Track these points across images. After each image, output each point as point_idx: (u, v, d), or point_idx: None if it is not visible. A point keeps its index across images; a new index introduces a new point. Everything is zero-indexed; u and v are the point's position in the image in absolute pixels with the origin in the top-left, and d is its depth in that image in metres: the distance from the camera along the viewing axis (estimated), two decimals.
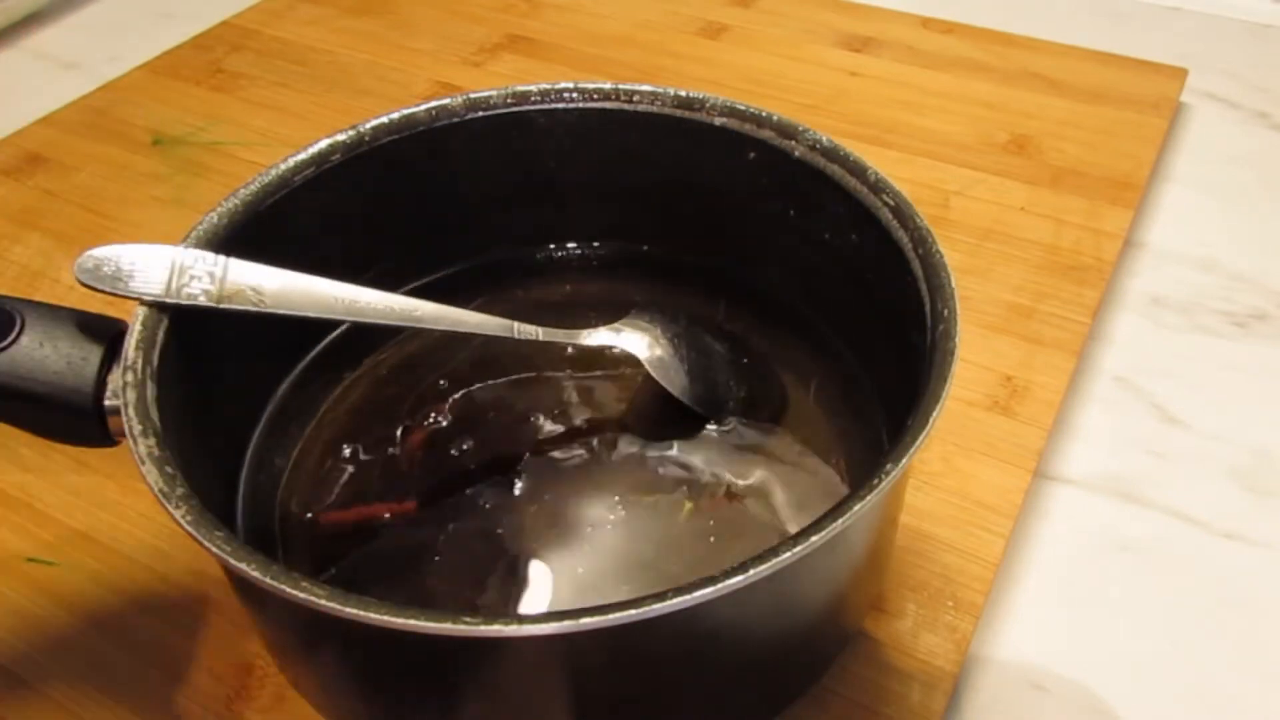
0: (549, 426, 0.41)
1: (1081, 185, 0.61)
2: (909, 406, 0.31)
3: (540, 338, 0.40)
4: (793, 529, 0.37)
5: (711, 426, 0.41)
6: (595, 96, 0.43)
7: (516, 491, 0.39)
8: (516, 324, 0.40)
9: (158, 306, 0.34)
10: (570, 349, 0.43)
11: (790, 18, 0.77)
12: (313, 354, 0.44)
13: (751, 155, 0.41)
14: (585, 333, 0.42)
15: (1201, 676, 0.41)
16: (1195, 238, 0.60)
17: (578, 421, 0.41)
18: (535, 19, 0.78)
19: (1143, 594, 0.43)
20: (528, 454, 0.40)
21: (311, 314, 0.36)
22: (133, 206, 0.62)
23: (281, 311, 0.35)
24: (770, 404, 0.42)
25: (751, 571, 0.27)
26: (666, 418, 0.41)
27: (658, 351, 0.42)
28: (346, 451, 0.41)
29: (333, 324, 0.43)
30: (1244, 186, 0.64)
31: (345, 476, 0.40)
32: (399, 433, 0.41)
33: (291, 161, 0.40)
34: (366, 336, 0.45)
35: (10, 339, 0.33)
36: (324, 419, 0.42)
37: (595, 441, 0.41)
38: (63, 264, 0.58)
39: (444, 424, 0.42)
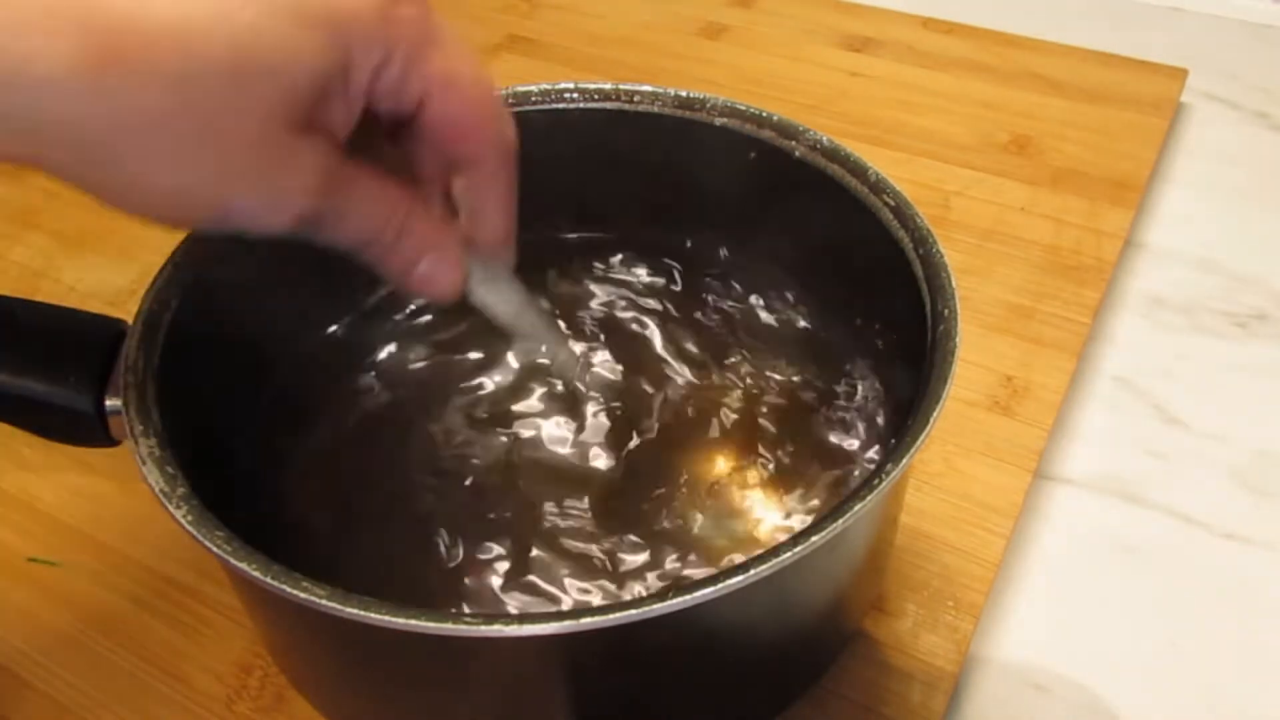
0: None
1: (1081, 185, 0.61)
2: (909, 406, 0.31)
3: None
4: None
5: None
6: (595, 96, 0.43)
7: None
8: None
9: (158, 307, 0.34)
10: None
11: (790, 18, 0.77)
12: (313, 354, 0.44)
13: (752, 155, 0.41)
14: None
15: (1201, 676, 0.41)
16: (1195, 238, 0.60)
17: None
18: (535, 19, 0.78)
19: (1143, 594, 0.43)
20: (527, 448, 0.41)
21: None
22: None
23: None
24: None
25: (751, 571, 0.27)
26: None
27: None
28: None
29: (332, 321, 0.44)
30: (1244, 187, 0.64)
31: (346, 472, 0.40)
32: (402, 431, 0.42)
33: None
34: (367, 338, 0.45)
35: (10, 339, 0.33)
36: (324, 417, 0.42)
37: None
38: (63, 264, 0.58)
39: (450, 424, 0.42)
